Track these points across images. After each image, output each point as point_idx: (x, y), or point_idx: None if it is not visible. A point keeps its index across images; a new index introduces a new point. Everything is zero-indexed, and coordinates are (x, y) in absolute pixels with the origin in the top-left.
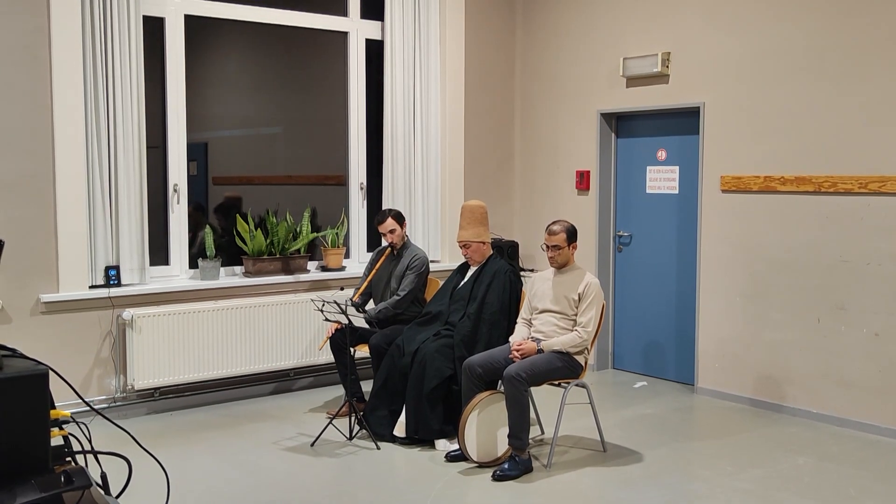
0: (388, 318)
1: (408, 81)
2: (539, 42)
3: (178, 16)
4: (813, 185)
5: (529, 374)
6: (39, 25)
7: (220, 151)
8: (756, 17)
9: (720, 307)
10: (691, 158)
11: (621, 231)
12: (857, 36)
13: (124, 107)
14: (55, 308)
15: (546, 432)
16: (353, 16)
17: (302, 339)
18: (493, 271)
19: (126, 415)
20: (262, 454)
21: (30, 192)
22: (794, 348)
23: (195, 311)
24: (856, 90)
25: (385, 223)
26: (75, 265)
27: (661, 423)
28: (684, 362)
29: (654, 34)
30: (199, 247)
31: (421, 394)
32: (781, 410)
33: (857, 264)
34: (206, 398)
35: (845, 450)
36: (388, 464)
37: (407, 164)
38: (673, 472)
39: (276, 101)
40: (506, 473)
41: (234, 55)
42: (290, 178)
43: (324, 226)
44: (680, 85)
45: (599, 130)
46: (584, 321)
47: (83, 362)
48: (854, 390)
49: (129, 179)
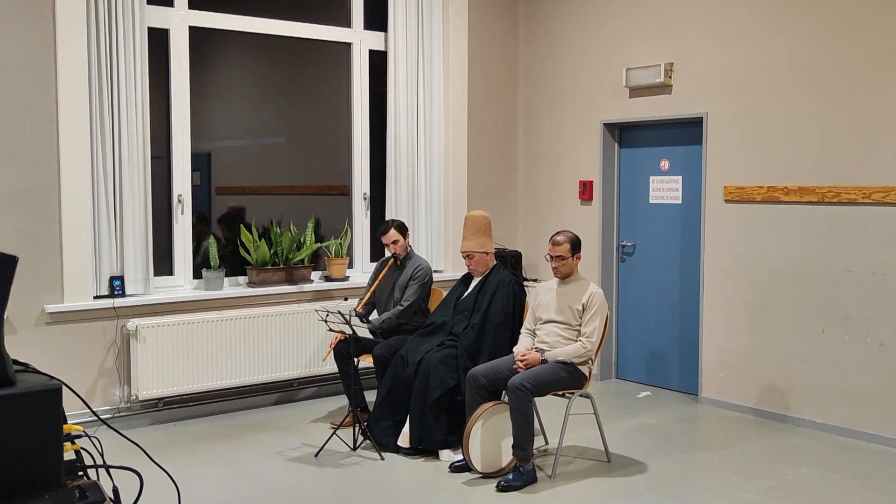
0: (391, 328)
1: (411, 92)
2: (542, 52)
3: (182, 27)
4: (816, 195)
5: (533, 384)
6: (45, 38)
7: (224, 162)
8: (759, 27)
9: (724, 317)
10: (694, 169)
11: (624, 241)
12: (861, 46)
13: (129, 118)
14: (60, 318)
15: (550, 443)
16: (356, 27)
17: (306, 350)
18: (496, 282)
19: (130, 425)
20: (265, 465)
21: (35, 203)
22: (799, 359)
23: (199, 321)
24: (859, 100)
25: (388, 234)
26: (80, 276)
27: (666, 433)
28: (688, 372)
29: (657, 45)
30: (203, 257)
31: (425, 404)
32: (786, 421)
33: (862, 274)
34: (210, 408)
35: (850, 460)
36: (392, 474)
37: (410, 175)
38: (677, 483)
39: (280, 112)
40: (510, 484)
41: (238, 66)
42: (293, 189)
43: (327, 236)
44: (683, 95)
45: (602, 141)
46: (588, 331)
47: (88, 373)
48: (859, 401)
49: (134, 190)
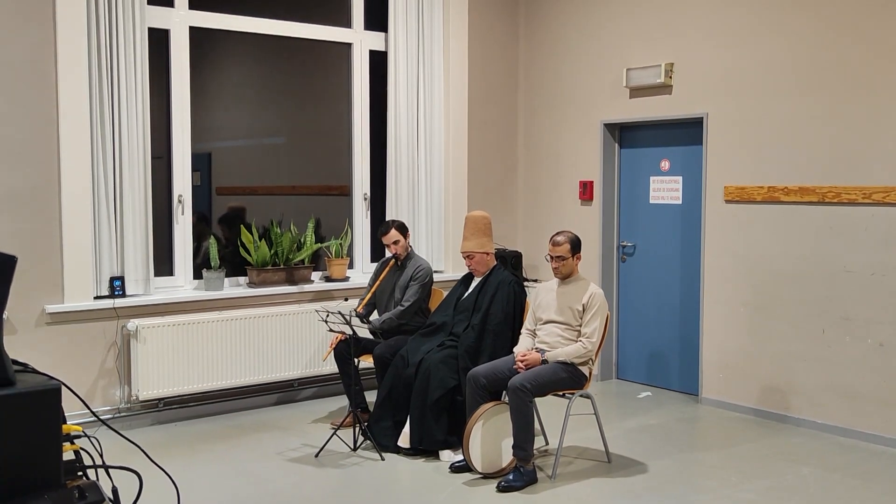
0: (392, 328)
1: (411, 92)
2: (542, 52)
3: (182, 27)
4: (817, 195)
5: (534, 384)
6: (45, 38)
7: (224, 162)
8: (759, 28)
9: (724, 317)
10: (695, 169)
11: (625, 241)
12: (862, 46)
13: (129, 118)
14: (60, 319)
15: (550, 443)
16: (356, 27)
17: (306, 350)
18: (497, 282)
19: (131, 425)
20: (266, 465)
21: (36, 204)
22: (799, 359)
23: (199, 321)
24: (860, 101)
25: (388, 234)
26: (80, 276)
27: (666, 433)
28: (688, 373)
29: (658, 45)
30: (204, 257)
31: (425, 404)
32: (786, 421)
33: (862, 275)
34: (210, 409)
35: (850, 460)
36: (393, 475)
37: (410, 175)
38: (678, 483)
39: (280, 112)
40: (510, 484)
41: (238, 66)
42: (294, 189)
43: (328, 236)
44: (683, 95)
45: (603, 141)
46: (589, 332)
47: (88, 373)
48: (859, 401)
49: (134, 190)
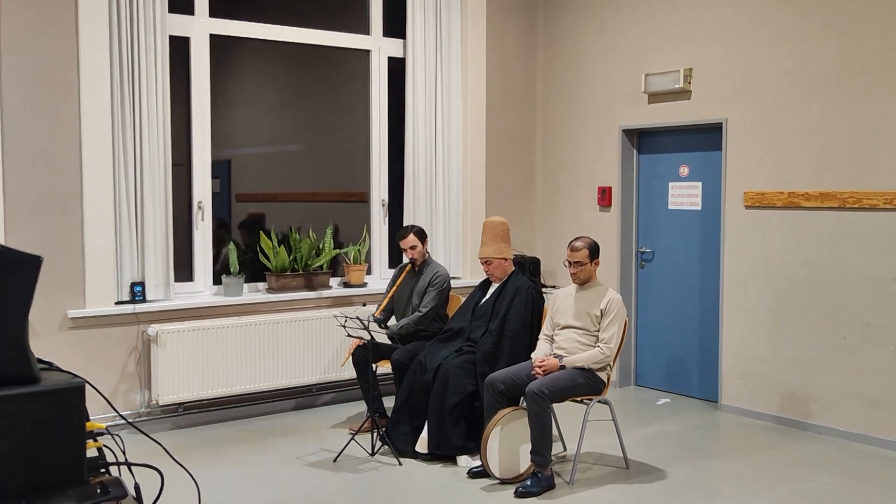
0: (410, 334)
1: (429, 99)
2: (560, 58)
3: (203, 35)
4: (837, 200)
5: (552, 390)
6: (68, 46)
7: (244, 169)
8: (778, 33)
9: (744, 324)
10: (714, 174)
11: (643, 247)
12: (882, 50)
13: (150, 125)
14: (82, 324)
15: (568, 449)
16: (375, 34)
17: (324, 355)
18: (515, 288)
19: (151, 430)
20: (284, 469)
21: (58, 210)
22: (819, 366)
23: (219, 326)
24: (880, 105)
25: (407, 239)
26: (102, 281)
27: (685, 440)
28: (708, 379)
29: (676, 50)
30: (223, 263)
31: (443, 410)
32: (806, 428)
33: (884, 281)
34: (229, 413)
35: (871, 468)
36: (411, 480)
37: (428, 181)
38: (696, 490)
39: (299, 119)
40: (528, 490)
41: (258, 73)
42: (312, 195)
43: (346, 242)
44: (702, 101)
45: (621, 146)
46: (607, 337)
47: (109, 377)
48: (880, 408)
49: (155, 197)
